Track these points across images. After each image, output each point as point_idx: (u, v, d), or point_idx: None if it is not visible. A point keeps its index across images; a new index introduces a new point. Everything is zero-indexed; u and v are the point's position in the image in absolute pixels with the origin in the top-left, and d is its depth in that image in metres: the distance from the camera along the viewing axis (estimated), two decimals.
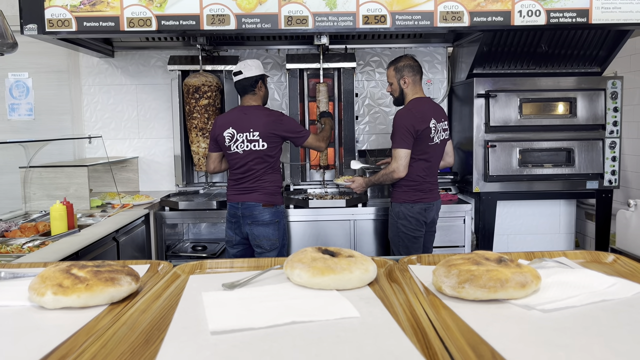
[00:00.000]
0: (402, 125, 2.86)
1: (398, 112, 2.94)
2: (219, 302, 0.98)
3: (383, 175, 2.95)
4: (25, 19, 3.04)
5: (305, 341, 0.79)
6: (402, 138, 2.86)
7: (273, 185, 2.97)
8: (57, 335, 0.85)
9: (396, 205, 3.01)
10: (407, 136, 2.86)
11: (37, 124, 4.03)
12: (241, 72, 2.95)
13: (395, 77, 3.00)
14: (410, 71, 2.98)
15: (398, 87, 3.00)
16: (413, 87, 3.00)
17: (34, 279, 1.02)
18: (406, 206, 2.97)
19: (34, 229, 2.82)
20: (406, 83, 2.98)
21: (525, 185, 3.64)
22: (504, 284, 0.91)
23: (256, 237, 2.94)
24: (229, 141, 2.94)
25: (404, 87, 2.99)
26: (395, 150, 2.89)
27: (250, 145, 2.91)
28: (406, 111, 2.91)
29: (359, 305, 0.94)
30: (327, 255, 1.10)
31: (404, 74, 2.98)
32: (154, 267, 1.24)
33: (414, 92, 3.01)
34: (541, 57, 3.61)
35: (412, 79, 2.97)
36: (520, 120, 3.58)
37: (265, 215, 2.92)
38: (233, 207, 2.99)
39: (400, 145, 2.87)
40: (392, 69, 3.01)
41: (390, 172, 2.90)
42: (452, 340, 0.76)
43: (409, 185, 2.96)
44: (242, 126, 2.91)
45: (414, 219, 2.97)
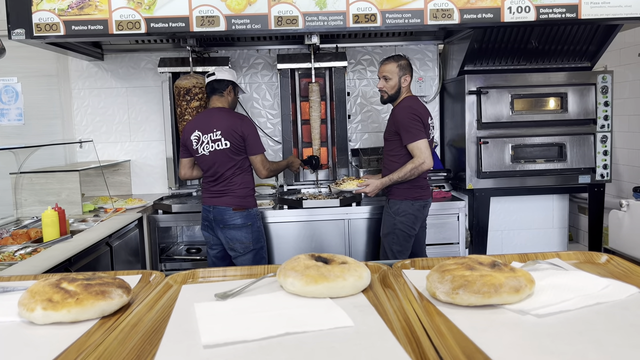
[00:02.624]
0: (413, 118, 2.87)
1: (400, 108, 2.94)
2: (211, 314, 0.97)
3: (412, 169, 2.88)
4: (12, 24, 3.01)
5: (299, 353, 0.79)
6: (417, 129, 2.87)
7: (243, 187, 2.97)
8: (47, 352, 0.84)
9: (396, 202, 2.99)
10: (420, 127, 2.88)
11: (27, 129, 3.99)
12: (214, 74, 3.00)
13: (398, 74, 2.97)
14: (411, 71, 3.01)
15: (397, 84, 2.97)
16: (408, 88, 3.02)
17: (23, 294, 1.00)
18: (407, 203, 2.96)
19: (25, 235, 2.80)
20: (407, 82, 2.99)
21: (518, 181, 3.65)
22: (498, 289, 0.90)
23: (229, 241, 2.96)
24: (196, 144, 2.98)
25: (403, 85, 2.98)
26: (415, 143, 2.86)
27: (214, 146, 2.93)
28: (409, 107, 2.91)
29: (353, 314, 0.93)
30: (320, 262, 1.09)
31: (407, 73, 2.99)
32: (145, 277, 1.22)
33: (407, 92, 3.03)
34: (531, 53, 3.62)
35: (410, 79, 3.01)
36: (512, 116, 3.59)
37: (236, 219, 2.93)
38: (206, 210, 3.03)
39: (418, 137, 2.86)
40: (395, 65, 2.97)
41: (419, 165, 2.86)
42: (447, 349, 0.75)
43: (410, 182, 2.95)
44: (206, 127, 2.95)
45: (413, 216, 2.97)
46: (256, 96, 4.07)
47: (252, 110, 4.07)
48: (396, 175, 2.93)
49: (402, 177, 2.91)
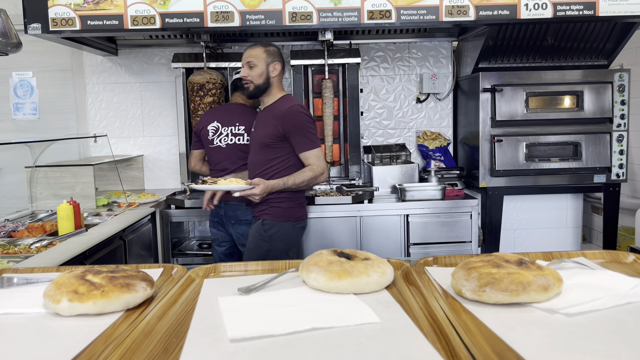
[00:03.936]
0: (310, 121, 2.48)
1: (290, 109, 2.47)
2: (235, 308, 0.97)
3: (311, 179, 2.43)
4: (29, 18, 3.03)
5: (327, 349, 0.78)
6: (315, 135, 2.49)
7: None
8: (74, 343, 0.84)
9: (274, 224, 2.51)
10: (316, 132, 2.51)
11: (41, 123, 4.01)
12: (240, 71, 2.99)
13: (265, 60, 2.50)
14: (281, 61, 2.56)
15: (265, 72, 2.50)
16: (279, 82, 2.58)
17: (49, 286, 1.01)
18: (287, 226, 2.52)
19: (41, 228, 2.82)
20: (276, 71, 2.52)
21: (531, 180, 3.62)
22: (526, 287, 0.89)
23: (241, 237, 2.94)
24: (213, 134, 2.97)
25: (272, 75, 2.52)
26: (313, 151, 2.45)
27: (234, 139, 2.93)
28: (301, 107, 2.52)
29: (378, 310, 0.93)
30: (343, 258, 1.09)
31: (276, 60, 2.52)
32: (167, 270, 1.23)
33: (280, 88, 2.59)
34: (547, 51, 3.58)
35: (281, 70, 2.56)
36: (526, 114, 3.56)
37: (248, 215, 2.90)
38: (216, 206, 2.99)
39: (316, 144, 2.47)
40: (261, 50, 2.52)
41: (319, 175, 2.44)
42: (477, 346, 0.75)
43: (293, 199, 2.51)
44: (228, 120, 2.95)
45: (293, 240, 2.59)
46: None
47: None
48: (291, 181, 2.41)
49: (298, 185, 2.44)
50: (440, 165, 3.94)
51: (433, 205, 3.43)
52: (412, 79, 4.09)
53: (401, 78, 4.09)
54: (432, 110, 4.13)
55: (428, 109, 4.12)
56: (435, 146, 4.03)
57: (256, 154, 2.57)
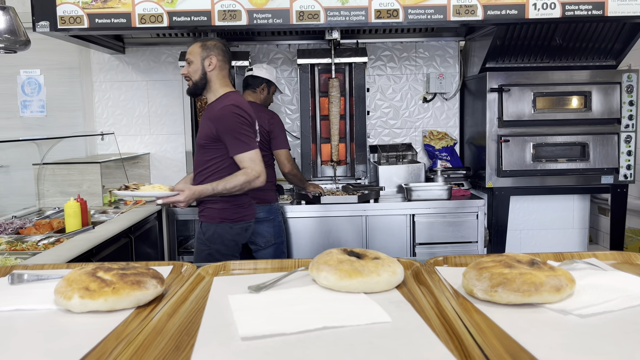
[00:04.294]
0: (243, 122, 2.35)
1: (224, 107, 2.36)
2: (246, 306, 0.97)
3: (244, 183, 2.31)
4: (37, 16, 3.04)
5: (339, 348, 0.78)
6: (249, 136, 2.35)
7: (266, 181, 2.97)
8: (86, 340, 0.84)
9: (210, 226, 2.45)
10: (252, 133, 2.38)
11: (49, 120, 4.03)
12: (252, 69, 3.02)
13: (201, 55, 2.40)
14: (221, 54, 2.42)
15: (201, 67, 2.40)
16: (220, 76, 2.45)
17: (60, 282, 1.01)
18: (224, 227, 2.44)
19: (48, 225, 2.83)
20: (212, 65, 2.40)
21: (538, 180, 3.60)
22: (539, 287, 0.89)
23: (250, 235, 2.95)
24: None
25: (208, 69, 2.40)
26: (246, 154, 2.34)
27: None
28: (236, 106, 2.36)
29: (390, 310, 0.93)
30: (353, 257, 1.08)
31: (212, 54, 2.39)
32: (177, 268, 1.23)
33: (223, 84, 2.46)
34: (555, 51, 3.57)
35: (221, 63, 2.42)
36: (533, 114, 3.54)
37: (258, 213, 2.92)
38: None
39: (250, 146, 2.34)
40: (197, 46, 2.43)
41: (254, 179, 2.32)
42: (490, 347, 0.74)
43: (227, 200, 2.42)
44: None
45: (233, 242, 2.49)
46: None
47: (271, 106, 4.05)
48: (222, 186, 2.29)
49: (230, 189, 2.31)
50: (447, 165, 3.93)
51: (439, 205, 3.42)
52: (419, 79, 4.08)
53: (408, 77, 4.08)
54: (438, 110, 4.12)
55: (435, 108, 4.11)
56: (441, 146, 4.02)
57: (197, 154, 2.52)
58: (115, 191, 2.37)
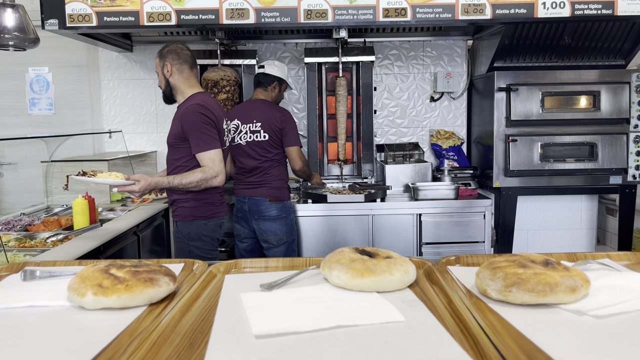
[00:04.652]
0: (206, 121, 2.39)
1: (188, 108, 2.42)
2: (259, 304, 0.97)
3: (200, 180, 2.35)
4: (46, 14, 3.05)
5: (353, 347, 0.78)
6: (210, 136, 2.39)
7: (279, 179, 3.00)
8: (100, 337, 0.85)
9: (185, 225, 2.52)
10: (214, 133, 2.42)
11: (57, 118, 4.05)
12: (263, 67, 3.02)
13: (159, 65, 2.51)
14: (175, 57, 2.48)
15: (162, 76, 2.51)
16: (182, 79, 2.51)
17: (73, 279, 1.01)
18: (198, 224, 2.50)
19: (56, 223, 2.84)
20: (169, 71, 2.48)
21: (546, 180, 3.59)
22: (554, 288, 0.88)
23: (263, 232, 2.98)
24: (234, 132, 3.01)
25: (168, 76, 2.48)
26: (206, 153, 2.38)
27: (252, 137, 2.96)
28: (200, 106, 2.41)
29: (403, 309, 0.92)
30: (365, 256, 1.08)
31: (166, 61, 2.48)
32: (188, 266, 1.23)
33: (188, 85, 2.52)
34: (564, 50, 3.55)
35: (177, 67, 2.48)
36: (542, 114, 3.53)
37: (272, 211, 2.95)
38: (240, 201, 3.04)
39: (211, 146, 2.38)
40: (157, 58, 2.54)
41: (211, 178, 2.37)
42: (506, 347, 0.74)
43: (197, 199, 2.47)
44: (247, 118, 2.98)
45: (209, 237, 2.54)
46: None
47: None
48: (178, 180, 2.34)
49: (185, 184, 2.35)
50: (454, 164, 3.92)
51: (446, 205, 3.41)
52: (426, 78, 4.07)
53: (415, 76, 4.07)
54: (446, 109, 4.10)
55: (442, 107, 4.10)
56: (448, 145, 4.01)
57: (167, 154, 2.59)
58: (72, 176, 2.41)
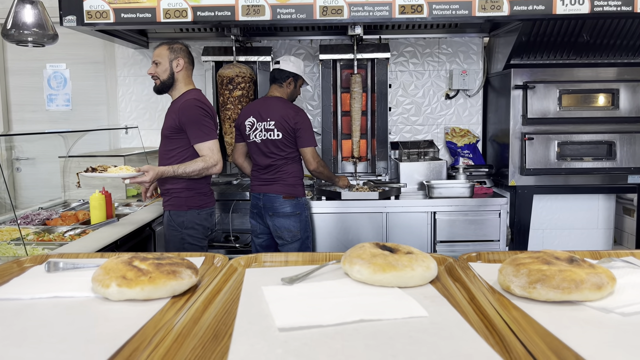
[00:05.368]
0: (205, 114, 2.54)
1: (187, 102, 2.56)
2: (280, 297, 0.97)
3: (202, 169, 2.51)
4: (64, 11, 3.08)
5: (378, 341, 0.78)
6: (210, 127, 2.54)
7: (293, 176, 3.00)
8: (125, 327, 0.85)
9: (179, 214, 2.62)
10: (212, 125, 2.56)
11: (74, 114, 4.09)
12: (279, 63, 3.01)
13: (169, 57, 2.63)
14: (187, 57, 2.67)
15: (169, 68, 2.62)
16: (185, 76, 2.67)
17: (97, 270, 1.02)
18: (192, 213, 2.62)
19: (74, 217, 2.87)
20: (180, 66, 2.63)
21: (562, 179, 3.55)
22: (579, 285, 0.87)
23: (277, 229, 2.98)
24: (249, 130, 3.02)
25: (176, 70, 2.63)
26: (206, 143, 2.52)
27: (267, 135, 2.96)
28: (198, 100, 2.57)
29: (425, 304, 0.92)
30: (387, 251, 1.08)
31: (179, 56, 2.63)
32: (209, 259, 1.24)
33: (187, 82, 2.68)
34: (582, 47, 3.51)
35: (186, 64, 2.66)
36: (559, 112, 3.49)
37: (286, 207, 2.95)
38: (255, 197, 3.06)
39: (211, 136, 2.53)
40: (165, 48, 2.64)
41: (211, 166, 2.53)
42: (532, 343, 0.73)
43: (191, 189, 2.60)
44: (261, 115, 2.98)
45: (201, 226, 2.66)
46: None
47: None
48: (182, 169, 2.50)
49: (189, 173, 2.51)
50: (469, 162, 3.89)
51: (461, 203, 3.39)
52: (442, 75, 4.05)
53: (430, 74, 4.05)
54: (461, 107, 4.08)
55: (457, 105, 4.08)
56: (464, 143, 3.99)
57: (161, 145, 2.70)
58: (82, 173, 2.51)
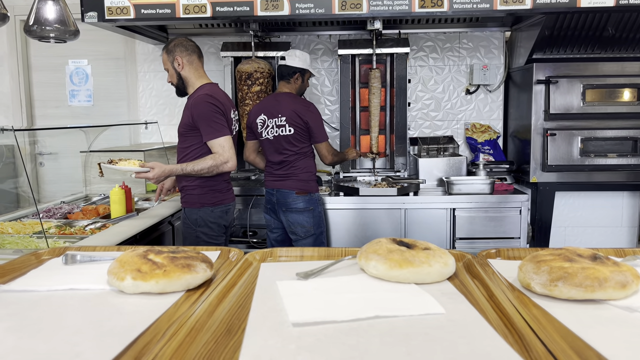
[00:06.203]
0: (215, 110, 2.47)
1: (198, 98, 2.51)
2: (295, 292, 0.96)
3: (212, 167, 2.45)
4: (86, 7, 3.11)
5: (393, 338, 0.76)
6: (220, 124, 2.47)
7: (306, 172, 3.00)
8: (139, 320, 0.86)
9: (193, 211, 2.60)
10: (223, 121, 2.50)
11: (95, 110, 4.15)
12: (284, 59, 3.01)
13: (169, 60, 2.58)
14: (183, 50, 2.57)
15: (174, 71, 2.59)
16: (193, 70, 2.61)
17: (113, 263, 1.03)
18: (206, 211, 2.59)
19: (94, 211, 2.91)
20: (180, 64, 2.57)
21: (585, 176, 3.48)
22: (603, 283, 0.85)
23: (291, 224, 2.99)
24: (261, 127, 3.02)
25: (180, 70, 2.58)
26: (217, 140, 2.46)
27: (278, 131, 2.96)
28: (209, 96, 2.50)
29: (442, 301, 0.90)
30: (403, 246, 1.06)
31: (175, 55, 2.56)
32: (224, 253, 1.24)
33: (197, 76, 2.62)
34: (607, 41, 3.42)
35: (187, 59, 2.58)
36: (582, 107, 3.42)
37: (299, 203, 2.96)
38: (269, 193, 3.08)
39: (222, 133, 2.46)
40: (164, 54, 2.61)
41: (222, 164, 2.46)
42: (553, 343, 0.71)
43: (204, 186, 2.57)
44: (272, 112, 2.98)
45: (215, 224, 2.62)
46: (315, 82, 4.06)
47: (311, 97, 4.06)
48: (191, 167, 2.45)
49: (198, 171, 2.46)
50: (489, 158, 3.84)
51: (481, 200, 3.34)
52: (462, 70, 3.99)
53: (450, 69, 4.00)
54: (481, 102, 4.02)
55: (478, 100, 4.02)
56: (484, 139, 3.93)
57: (178, 143, 2.68)
58: (103, 164, 2.58)
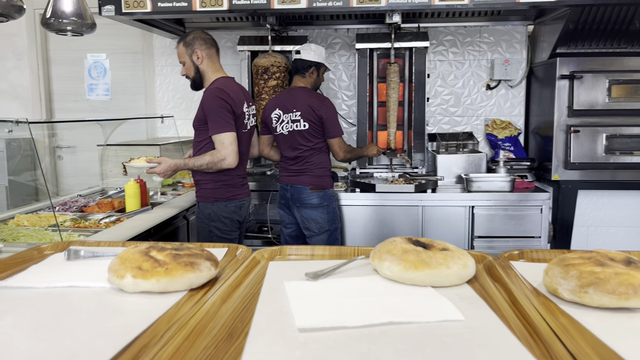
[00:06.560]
0: (222, 105, 2.46)
1: (209, 92, 2.53)
2: (303, 294, 0.91)
3: (209, 163, 2.47)
4: (103, 0, 3.10)
5: (407, 346, 0.71)
6: (225, 119, 2.46)
7: (320, 167, 2.96)
8: (138, 321, 0.81)
9: (207, 205, 2.59)
10: (229, 116, 2.48)
11: (113, 103, 4.15)
12: (299, 53, 2.97)
13: (187, 53, 2.58)
14: (202, 43, 2.58)
15: (192, 64, 2.59)
16: (211, 64, 2.61)
17: (114, 260, 0.99)
18: (219, 206, 2.58)
19: (110, 205, 2.90)
20: (200, 58, 2.57)
21: (609, 174, 3.37)
22: (638, 290, 0.78)
23: (305, 220, 2.96)
24: (276, 122, 2.98)
25: (198, 63, 2.58)
26: (218, 135, 2.46)
27: (293, 126, 2.93)
28: (219, 90, 2.49)
29: (461, 306, 0.84)
30: (420, 247, 1.00)
31: (195, 48, 2.56)
32: (232, 251, 1.19)
33: (214, 70, 2.62)
34: (634, 35, 3.30)
35: (206, 52, 2.58)
36: (608, 103, 3.30)
37: (313, 199, 2.92)
38: (283, 188, 3.04)
39: (224, 129, 2.45)
40: (180, 46, 2.60)
41: (218, 161, 2.46)
42: (584, 355, 0.64)
43: (217, 181, 2.57)
44: (287, 107, 2.94)
45: (229, 219, 2.61)
46: (332, 77, 4.00)
47: (328, 91, 4.00)
48: (192, 162, 2.51)
49: (198, 167, 2.50)
50: (510, 155, 3.73)
51: (500, 198, 3.25)
52: (483, 65, 3.89)
53: (471, 63, 3.90)
54: (502, 98, 3.91)
55: (498, 96, 3.91)
56: (504, 135, 3.82)
57: (194, 137, 2.68)
58: (125, 163, 2.71)
